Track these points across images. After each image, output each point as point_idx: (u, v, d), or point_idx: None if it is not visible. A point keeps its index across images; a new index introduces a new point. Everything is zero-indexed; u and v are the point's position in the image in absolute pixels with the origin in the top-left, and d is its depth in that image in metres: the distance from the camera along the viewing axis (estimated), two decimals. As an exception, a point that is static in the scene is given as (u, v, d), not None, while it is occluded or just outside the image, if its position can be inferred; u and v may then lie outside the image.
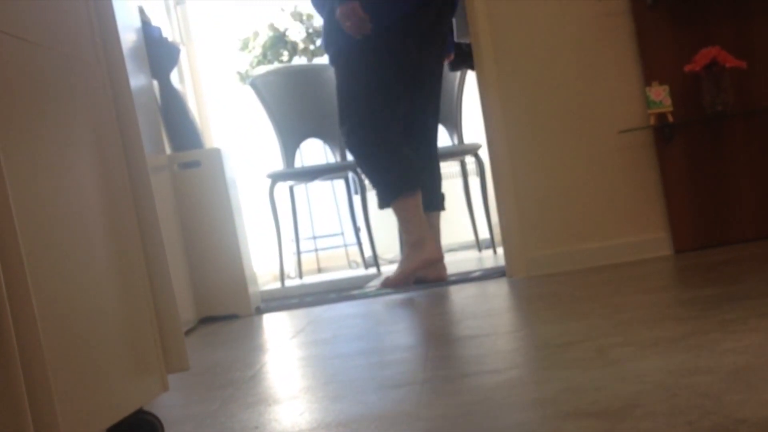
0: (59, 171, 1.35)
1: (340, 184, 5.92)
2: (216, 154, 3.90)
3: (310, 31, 6.13)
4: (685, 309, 2.17)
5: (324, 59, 5.46)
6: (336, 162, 5.24)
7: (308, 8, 6.07)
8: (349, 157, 4.53)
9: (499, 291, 3.29)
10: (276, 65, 5.91)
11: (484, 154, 4.75)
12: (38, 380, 1.16)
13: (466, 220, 5.75)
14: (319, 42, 6.13)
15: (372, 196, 4.69)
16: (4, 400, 1.11)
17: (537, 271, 3.67)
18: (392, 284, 3.84)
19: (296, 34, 6.16)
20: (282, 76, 5.17)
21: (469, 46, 3.90)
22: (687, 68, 3.54)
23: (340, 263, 6.20)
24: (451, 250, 6.11)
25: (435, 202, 3.94)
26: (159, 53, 4.06)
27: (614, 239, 3.67)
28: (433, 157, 3.99)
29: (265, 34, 6.12)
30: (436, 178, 3.97)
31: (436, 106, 4.00)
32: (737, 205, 3.62)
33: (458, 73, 5.14)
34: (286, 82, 5.14)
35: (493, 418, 1.41)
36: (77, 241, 1.37)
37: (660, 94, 3.56)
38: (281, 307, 4.02)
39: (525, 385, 1.61)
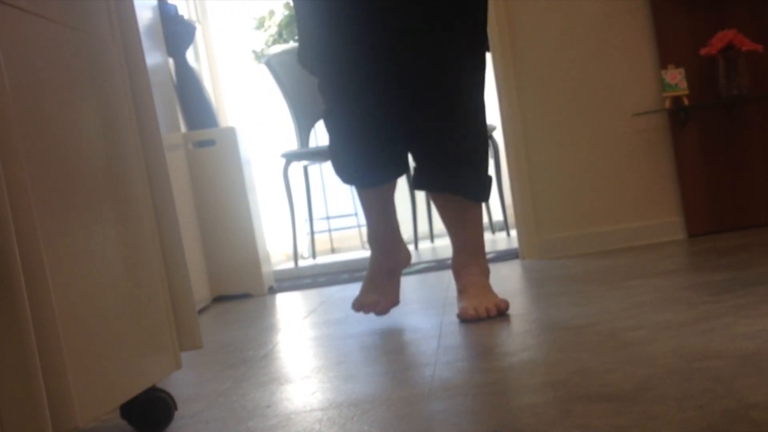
0: (75, 148, 1.36)
1: (354, 164, 5.89)
2: (231, 133, 3.90)
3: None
4: (698, 293, 2.17)
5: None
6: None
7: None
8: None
9: (511, 273, 3.29)
10: (291, 44, 5.90)
11: (498, 135, 4.74)
12: (53, 357, 1.17)
13: (480, 202, 5.72)
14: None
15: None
16: (20, 376, 1.12)
17: (550, 253, 3.66)
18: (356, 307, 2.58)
19: (312, 13, 6.13)
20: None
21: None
22: (703, 51, 3.52)
23: (353, 243, 6.20)
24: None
25: (426, 180, 2.47)
26: (175, 31, 4.06)
27: (627, 223, 3.67)
28: (426, 122, 2.41)
29: (281, 13, 6.11)
30: (432, 147, 2.43)
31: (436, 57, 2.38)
32: (751, 189, 3.61)
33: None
34: (301, 61, 5.13)
35: (504, 400, 1.41)
36: (92, 220, 1.38)
37: (675, 77, 3.54)
38: (294, 286, 4.03)
39: (536, 367, 1.62)
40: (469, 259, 2.46)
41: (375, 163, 2.45)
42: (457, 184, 2.42)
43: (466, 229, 2.48)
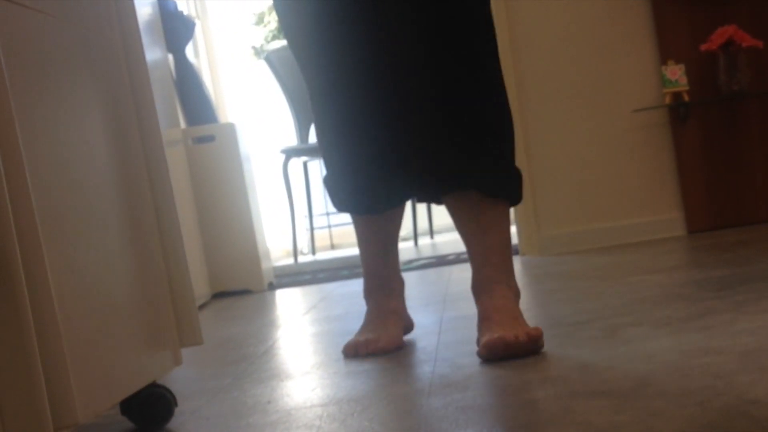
0: (74, 144, 1.36)
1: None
2: (230, 128, 3.90)
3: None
4: (698, 289, 2.17)
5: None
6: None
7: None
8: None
9: (511, 269, 3.28)
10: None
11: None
12: (53, 353, 1.17)
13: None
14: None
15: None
16: (21, 372, 1.12)
17: (550, 250, 3.66)
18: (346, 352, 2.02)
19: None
20: (297, 52, 5.14)
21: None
22: (703, 47, 3.52)
23: (353, 240, 6.19)
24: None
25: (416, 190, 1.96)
26: (174, 27, 4.06)
27: (628, 219, 3.66)
28: (414, 128, 1.83)
29: (280, 9, 6.10)
30: (437, 128, 1.80)
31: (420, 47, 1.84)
32: (752, 185, 3.61)
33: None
34: (300, 57, 5.12)
35: (504, 396, 1.41)
36: (92, 216, 1.38)
37: (676, 73, 3.54)
38: (294, 283, 4.03)
39: (536, 364, 1.62)
40: (492, 274, 1.81)
41: (379, 177, 1.94)
42: (472, 174, 1.81)
43: (486, 235, 1.82)
